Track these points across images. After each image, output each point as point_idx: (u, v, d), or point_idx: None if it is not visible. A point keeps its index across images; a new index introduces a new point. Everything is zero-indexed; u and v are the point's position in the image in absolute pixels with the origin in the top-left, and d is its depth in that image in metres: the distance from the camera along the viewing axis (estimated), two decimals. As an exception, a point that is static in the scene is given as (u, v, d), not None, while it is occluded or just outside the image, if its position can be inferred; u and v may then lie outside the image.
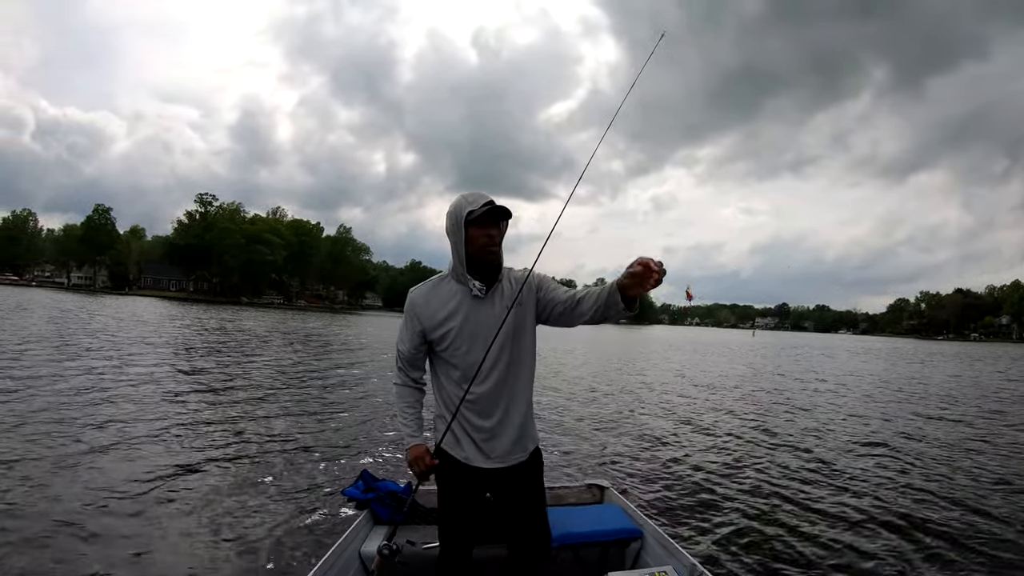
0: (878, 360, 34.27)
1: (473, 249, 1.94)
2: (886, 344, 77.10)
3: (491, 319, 1.98)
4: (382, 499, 3.16)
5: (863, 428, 9.79)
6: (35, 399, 8.19)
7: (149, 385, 10.14)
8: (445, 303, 2.02)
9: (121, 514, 4.45)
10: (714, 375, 19.24)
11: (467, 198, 1.95)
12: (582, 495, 3.40)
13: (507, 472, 2.05)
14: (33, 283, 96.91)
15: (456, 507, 2.09)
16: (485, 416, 2.02)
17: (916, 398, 14.71)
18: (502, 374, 2.01)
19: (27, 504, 4.52)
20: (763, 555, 4.12)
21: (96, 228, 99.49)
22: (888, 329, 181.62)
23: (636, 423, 9.33)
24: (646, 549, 2.86)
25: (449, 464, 2.07)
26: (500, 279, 2.04)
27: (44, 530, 4.06)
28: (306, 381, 12.23)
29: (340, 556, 2.59)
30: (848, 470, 6.71)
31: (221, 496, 5.01)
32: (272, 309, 73.73)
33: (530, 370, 2.10)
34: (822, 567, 4.05)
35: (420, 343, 2.09)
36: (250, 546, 4.06)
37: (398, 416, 2.17)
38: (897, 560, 4.22)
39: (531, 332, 2.07)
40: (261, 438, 7.04)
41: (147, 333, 20.82)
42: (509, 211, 1.94)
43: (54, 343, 15.29)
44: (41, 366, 11.16)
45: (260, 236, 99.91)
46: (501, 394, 2.02)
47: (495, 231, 1.95)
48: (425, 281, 2.12)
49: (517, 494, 2.10)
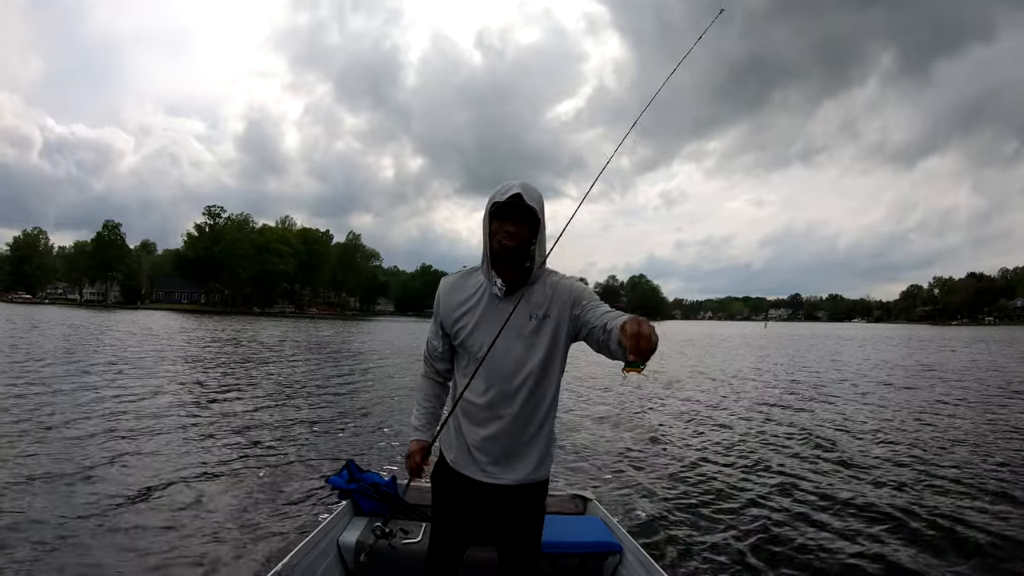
0: (894, 348, 33.32)
1: (495, 244, 1.79)
2: (899, 331, 75.15)
3: (510, 323, 1.79)
4: (365, 491, 3.18)
5: (873, 425, 9.12)
6: (47, 409, 8.31)
7: (153, 392, 10.20)
8: (467, 297, 1.88)
9: (109, 506, 4.58)
10: (718, 371, 18.58)
11: (500, 186, 1.80)
12: (564, 505, 3.41)
13: (496, 490, 1.87)
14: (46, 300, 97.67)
15: (442, 508, 1.99)
16: (480, 424, 1.86)
17: (931, 389, 13.70)
18: (508, 385, 1.82)
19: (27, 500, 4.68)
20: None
21: (106, 244, 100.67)
22: (902, 316, 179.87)
23: (629, 430, 8.72)
24: (624, 564, 2.83)
25: (441, 463, 1.99)
26: (531, 282, 1.84)
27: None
28: (310, 383, 12.52)
29: (317, 544, 2.61)
30: (858, 478, 6.20)
31: (207, 481, 5.24)
32: (284, 318, 73.80)
33: (547, 390, 1.86)
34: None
35: (442, 333, 1.96)
36: (229, 529, 4.18)
37: (414, 407, 2.09)
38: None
39: (556, 349, 1.84)
40: (254, 430, 7.42)
41: (157, 345, 20.78)
42: (534, 212, 1.75)
43: (68, 358, 15.12)
44: (56, 380, 11.00)
45: (269, 246, 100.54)
46: (502, 406, 1.83)
47: (513, 227, 1.76)
48: (458, 271, 1.98)
49: (506, 521, 1.92)
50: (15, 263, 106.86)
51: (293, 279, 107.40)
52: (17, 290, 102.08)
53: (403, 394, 10.99)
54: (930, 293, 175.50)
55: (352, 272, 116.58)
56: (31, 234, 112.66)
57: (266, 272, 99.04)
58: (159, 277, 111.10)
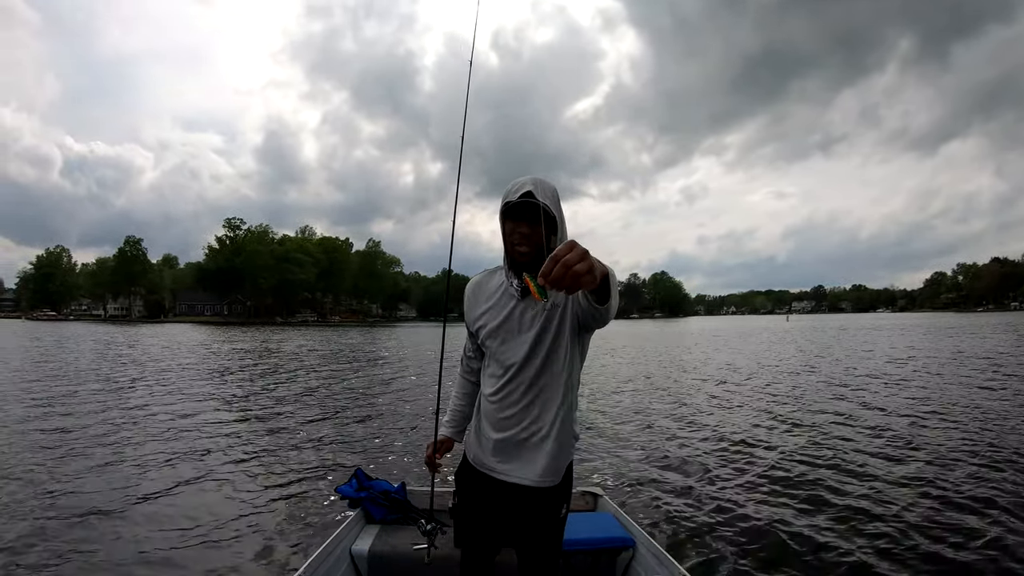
0: (916, 335, 32.20)
1: (509, 249, 1.75)
2: (923, 320, 72.23)
3: (526, 321, 1.78)
4: (375, 498, 3.17)
5: (888, 421, 8.30)
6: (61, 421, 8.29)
7: (172, 402, 10.19)
8: (490, 296, 1.85)
9: (119, 511, 4.63)
10: (733, 366, 17.57)
11: (512, 184, 1.72)
12: (576, 502, 3.35)
13: (512, 489, 1.84)
14: (71, 317, 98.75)
15: (463, 506, 1.97)
16: (494, 424, 1.84)
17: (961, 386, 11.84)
18: (523, 384, 1.80)
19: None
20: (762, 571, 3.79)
21: (128, 259, 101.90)
22: (926, 305, 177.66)
23: (637, 424, 8.43)
24: (637, 559, 2.85)
25: (464, 462, 1.97)
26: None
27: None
28: (327, 388, 12.45)
29: (330, 554, 2.61)
30: (876, 476, 5.73)
31: (219, 490, 5.24)
32: (306, 327, 73.33)
33: (558, 392, 1.81)
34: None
35: (469, 333, 1.96)
36: (241, 539, 4.14)
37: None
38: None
39: (565, 338, 1.78)
40: (266, 439, 7.35)
41: (177, 358, 20.66)
42: (547, 210, 1.64)
43: (96, 374, 14.69)
44: (80, 394, 10.73)
45: (289, 256, 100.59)
46: (512, 406, 1.81)
47: (527, 228, 1.69)
48: (484, 270, 1.94)
49: (523, 522, 1.88)
50: (39, 281, 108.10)
51: (314, 288, 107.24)
52: (42, 308, 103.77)
53: (413, 398, 10.70)
54: (954, 280, 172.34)
55: (373, 279, 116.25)
56: (54, 252, 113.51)
57: (287, 282, 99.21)
58: (182, 290, 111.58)
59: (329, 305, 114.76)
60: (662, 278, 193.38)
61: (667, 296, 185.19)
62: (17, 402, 9.83)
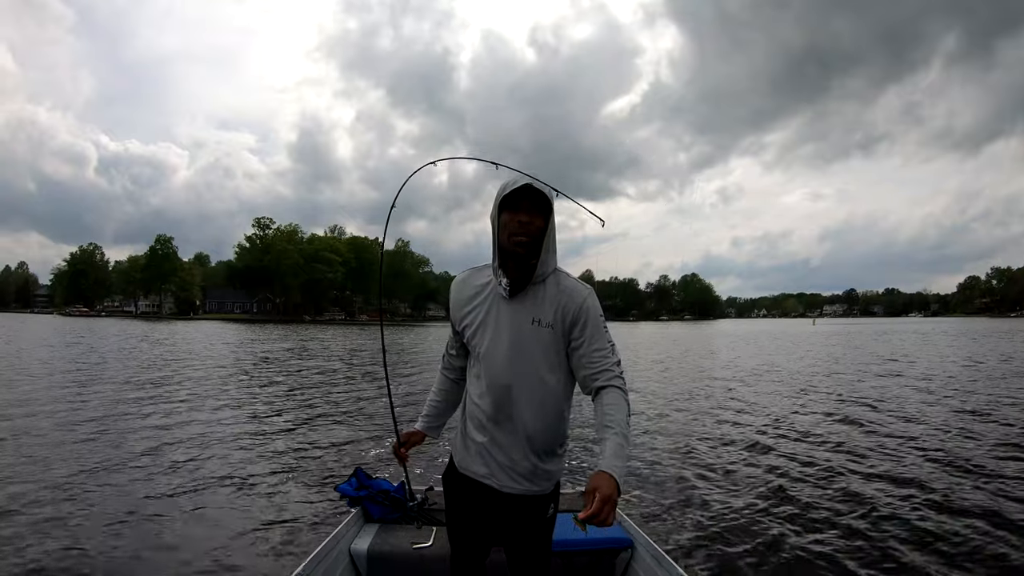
0: (913, 342, 31.28)
1: (503, 238, 1.67)
2: (953, 325, 69.15)
3: (512, 325, 1.71)
4: (375, 497, 3.17)
5: (897, 427, 8.20)
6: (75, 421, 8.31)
7: (176, 403, 10.12)
8: (475, 294, 1.79)
9: (129, 510, 4.60)
10: (730, 368, 17.80)
11: (507, 180, 1.70)
12: (575, 502, 3.32)
13: (496, 494, 1.79)
14: (103, 313, 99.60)
15: (452, 509, 1.95)
16: (480, 427, 1.79)
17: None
18: (503, 391, 1.73)
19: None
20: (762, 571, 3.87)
21: (159, 257, 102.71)
22: (959, 310, 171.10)
23: (636, 425, 8.19)
24: (636, 560, 2.83)
25: (450, 465, 1.94)
26: (538, 281, 1.72)
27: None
28: (327, 388, 12.48)
29: (330, 553, 2.62)
30: (876, 480, 5.70)
31: (220, 489, 5.20)
32: (333, 325, 72.98)
33: (547, 401, 1.74)
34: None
35: (454, 331, 1.89)
36: (241, 537, 4.15)
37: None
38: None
39: (557, 360, 1.73)
40: (267, 436, 7.43)
41: (194, 354, 21.00)
42: (547, 200, 1.65)
43: (106, 369, 15.08)
44: (97, 388, 11.05)
45: (318, 255, 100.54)
46: (497, 411, 1.75)
47: (526, 216, 1.64)
48: (471, 267, 1.89)
49: (509, 525, 1.85)
50: (73, 278, 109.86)
51: (343, 287, 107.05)
52: (76, 304, 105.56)
53: (415, 402, 10.36)
54: (988, 284, 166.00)
55: (401, 279, 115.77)
56: (87, 249, 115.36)
57: (315, 281, 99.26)
58: (212, 288, 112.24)
59: (359, 304, 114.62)
60: (692, 280, 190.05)
61: (697, 298, 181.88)
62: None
